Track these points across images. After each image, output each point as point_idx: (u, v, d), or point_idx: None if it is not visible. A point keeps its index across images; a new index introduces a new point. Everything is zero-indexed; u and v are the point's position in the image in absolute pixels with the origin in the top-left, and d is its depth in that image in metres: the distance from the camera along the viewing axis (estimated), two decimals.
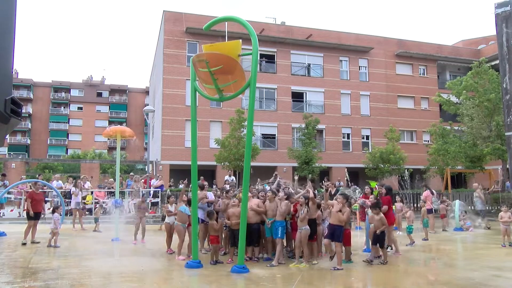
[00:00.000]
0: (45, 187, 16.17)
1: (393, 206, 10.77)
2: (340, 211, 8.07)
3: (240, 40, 8.20)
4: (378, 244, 8.51)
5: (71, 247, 10.50)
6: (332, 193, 15.42)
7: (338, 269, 7.74)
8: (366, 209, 10.25)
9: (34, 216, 11.10)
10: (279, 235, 8.35)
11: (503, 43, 4.81)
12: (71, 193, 15.13)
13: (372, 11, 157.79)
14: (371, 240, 9.02)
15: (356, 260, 8.68)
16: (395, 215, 10.50)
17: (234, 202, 8.80)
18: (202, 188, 9.71)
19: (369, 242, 9.87)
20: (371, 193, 10.06)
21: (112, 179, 19.02)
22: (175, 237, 9.23)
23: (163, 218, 13.95)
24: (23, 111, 58.94)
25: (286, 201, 8.63)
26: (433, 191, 15.57)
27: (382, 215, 8.52)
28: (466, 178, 32.01)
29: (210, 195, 9.97)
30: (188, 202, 9.15)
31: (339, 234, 7.96)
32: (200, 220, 9.37)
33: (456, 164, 24.05)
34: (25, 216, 11.73)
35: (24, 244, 10.54)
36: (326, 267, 7.99)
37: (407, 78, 35.12)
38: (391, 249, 9.68)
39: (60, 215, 11.34)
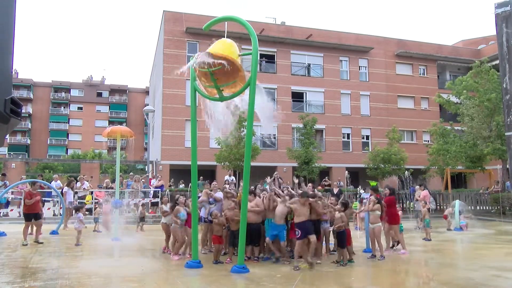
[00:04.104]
0: (45, 187, 16.17)
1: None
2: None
3: (232, 42, 8.00)
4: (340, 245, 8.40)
5: (71, 247, 10.49)
6: (335, 192, 15.44)
7: (317, 263, 7.95)
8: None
9: (32, 216, 10.99)
10: (283, 239, 8.44)
11: (503, 43, 4.81)
12: (63, 192, 15.20)
13: (372, 11, 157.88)
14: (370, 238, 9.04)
15: (357, 260, 8.66)
16: (399, 215, 10.51)
17: (230, 205, 8.82)
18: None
19: (369, 242, 9.88)
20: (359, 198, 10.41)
21: (108, 180, 19.01)
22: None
23: (142, 219, 13.92)
24: (23, 111, 58.86)
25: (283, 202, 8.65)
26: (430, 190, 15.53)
27: (343, 213, 8.43)
28: (466, 178, 32.01)
29: (219, 194, 9.94)
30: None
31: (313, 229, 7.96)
32: (202, 219, 9.41)
33: (456, 164, 24.04)
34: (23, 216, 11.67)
35: (25, 245, 10.52)
36: (326, 268, 8.00)
37: (407, 78, 35.11)
38: (397, 244, 9.87)
39: (84, 215, 11.44)
